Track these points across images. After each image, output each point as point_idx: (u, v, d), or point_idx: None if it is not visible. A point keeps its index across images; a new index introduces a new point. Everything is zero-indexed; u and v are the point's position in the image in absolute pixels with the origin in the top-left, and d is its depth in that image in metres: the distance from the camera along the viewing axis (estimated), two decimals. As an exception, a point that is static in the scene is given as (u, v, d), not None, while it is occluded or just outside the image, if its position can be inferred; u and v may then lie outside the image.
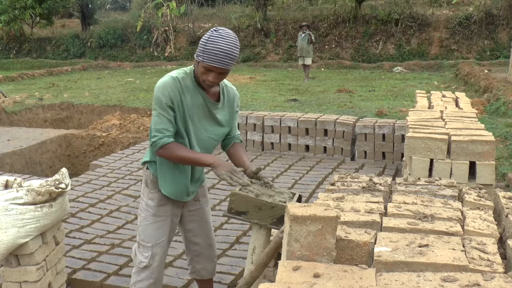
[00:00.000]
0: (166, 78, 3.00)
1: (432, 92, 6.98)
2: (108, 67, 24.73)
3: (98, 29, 28.52)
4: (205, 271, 3.60)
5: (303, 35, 17.03)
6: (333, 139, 8.34)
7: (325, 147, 8.40)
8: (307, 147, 8.50)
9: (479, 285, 1.53)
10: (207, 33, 2.86)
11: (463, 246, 1.84)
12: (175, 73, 3.04)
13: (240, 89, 15.48)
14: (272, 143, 8.70)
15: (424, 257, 1.71)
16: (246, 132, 8.83)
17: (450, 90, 10.72)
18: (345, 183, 2.63)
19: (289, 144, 8.61)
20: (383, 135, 8.04)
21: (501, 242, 2.06)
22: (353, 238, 1.83)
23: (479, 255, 1.76)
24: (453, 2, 25.33)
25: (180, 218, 3.44)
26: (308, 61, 17.34)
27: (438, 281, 1.56)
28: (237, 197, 2.90)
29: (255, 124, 8.79)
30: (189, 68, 3.09)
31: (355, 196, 2.37)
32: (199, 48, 2.86)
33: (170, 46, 26.48)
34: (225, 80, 3.15)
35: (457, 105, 5.56)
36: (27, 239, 3.56)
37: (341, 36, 24.88)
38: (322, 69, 22.21)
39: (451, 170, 3.58)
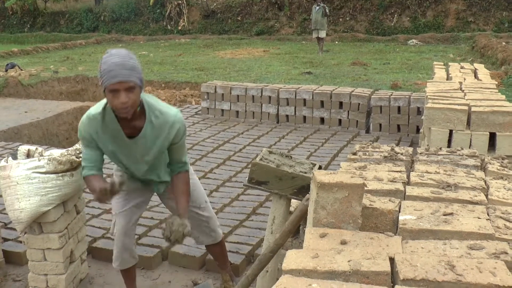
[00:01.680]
0: (84, 117, 3.00)
1: (450, 63, 6.88)
2: (122, 41, 24.68)
3: (111, 3, 28.44)
4: (204, 237, 3.64)
5: (317, 8, 16.86)
6: (348, 111, 8.31)
7: (340, 120, 8.36)
8: (322, 120, 8.48)
9: (506, 253, 1.52)
10: (102, 59, 2.76)
11: (488, 215, 1.83)
12: (93, 110, 2.98)
13: (254, 62, 15.40)
14: (287, 116, 8.68)
15: (449, 225, 1.70)
16: (262, 104, 8.81)
17: (467, 63, 10.59)
18: (367, 153, 2.62)
19: (304, 117, 8.59)
20: (399, 107, 7.99)
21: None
22: (378, 206, 1.83)
23: (504, 224, 1.76)
24: (470, -27, 24.79)
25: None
26: (322, 34, 17.19)
27: (465, 249, 1.55)
28: (258, 167, 2.91)
29: (270, 97, 8.77)
30: (99, 104, 3.00)
31: (377, 166, 2.36)
32: (99, 78, 2.77)
33: (184, 19, 26.34)
34: (162, 109, 3.01)
35: (475, 76, 5.48)
36: (50, 207, 3.62)
37: (356, 8, 24.55)
38: (336, 42, 21.98)
39: (470, 141, 3.55)
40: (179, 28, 26.32)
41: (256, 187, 3.00)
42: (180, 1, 26.48)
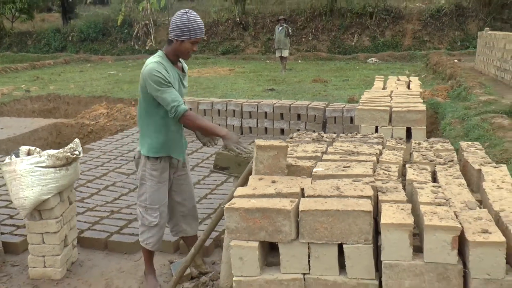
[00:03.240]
0: (152, 64, 3.75)
1: (389, 76, 7.93)
2: (90, 61, 25.35)
3: (79, 23, 29.10)
4: (190, 228, 4.40)
5: (280, 28, 17.89)
6: (305, 122, 9.25)
7: (298, 130, 9.30)
8: (282, 131, 9.39)
9: (374, 182, 2.44)
10: (183, 16, 3.66)
11: (374, 167, 2.75)
12: (154, 59, 3.80)
13: (220, 80, 16.34)
14: (250, 128, 9.59)
15: (345, 172, 2.61)
16: (226, 118, 9.72)
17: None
18: (300, 137, 3.54)
19: (266, 128, 9.51)
20: (351, 117, 8.96)
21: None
22: (300, 164, 2.74)
23: (383, 172, 2.67)
24: (425, -5, 26.57)
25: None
26: (285, 53, 18.22)
27: (350, 182, 2.46)
28: (221, 155, 3.78)
29: (234, 111, 9.68)
30: (157, 55, 3.88)
31: (307, 145, 3.27)
32: (180, 29, 3.65)
33: (151, 39, 27.23)
34: None
35: (408, 86, 6.51)
36: (49, 196, 4.39)
37: (318, 29, 25.89)
38: (299, 61, 23.13)
39: (392, 134, 4.50)
40: (147, 47, 27.16)
41: (220, 171, 3.87)
42: (147, 21, 27.37)
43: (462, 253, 2.10)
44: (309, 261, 2.23)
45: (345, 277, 2.22)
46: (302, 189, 2.40)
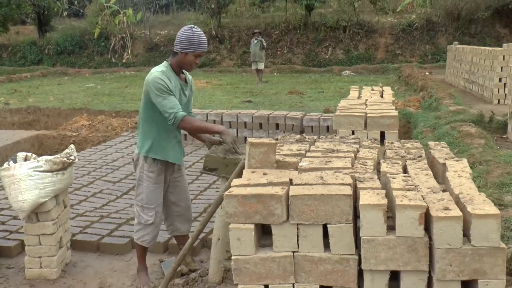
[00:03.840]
0: (156, 73, 4.11)
1: (364, 87, 8.41)
2: (67, 74, 25.44)
3: (55, 36, 29.13)
4: (184, 228, 4.73)
5: (255, 41, 18.35)
6: (283, 132, 9.62)
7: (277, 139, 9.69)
8: (261, 139, 9.76)
9: (353, 174, 2.82)
10: (188, 31, 4.06)
11: (352, 162, 3.14)
12: (159, 68, 4.19)
13: (198, 92, 16.67)
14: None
15: (327, 165, 2.99)
16: (207, 127, 10.03)
17: (378, 86, 12.18)
18: (285, 139, 3.92)
19: (245, 137, 9.82)
20: (327, 126, 9.36)
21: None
22: (287, 160, 3.11)
23: (361, 166, 3.06)
24: (397, 10, 27.44)
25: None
26: (261, 65, 18.68)
27: (332, 173, 2.84)
28: (209, 157, 4.13)
29: (214, 120, 10.00)
30: (163, 65, 4.25)
31: (291, 144, 3.66)
32: (185, 43, 4.04)
33: (128, 52, 27.49)
34: None
35: (382, 96, 6.97)
36: (46, 199, 4.65)
37: (293, 42, 26.49)
38: (275, 73, 23.63)
39: (367, 138, 4.90)
40: (124, 61, 27.40)
41: (209, 173, 4.21)
42: (124, 35, 27.63)
43: (427, 228, 2.49)
44: (298, 240, 2.60)
45: (329, 253, 2.59)
46: (291, 180, 2.77)
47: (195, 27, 4.10)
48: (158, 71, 4.11)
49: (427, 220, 2.47)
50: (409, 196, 2.50)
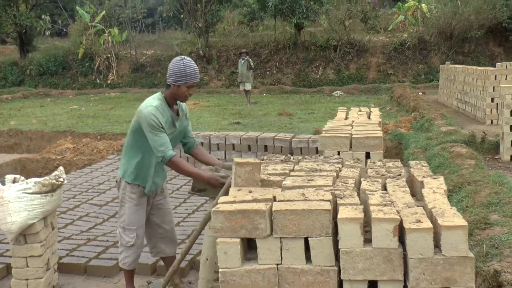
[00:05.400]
0: (151, 108, 4.27)
1: (351, 108, 8.76)
2: (50, 95, 25.65)
3: (37, 56, 29.35)
4: (169, 249, 4.96)
5: (242, 61, 18.77)
6: (272, 153, 9.91)
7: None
8: (250, 161, 10.05)
9: (334, 191, 3.12)
10: (179, 63, 4.29)
11: (334, 180, 3.43)
12: (154, 102, 4.34)
13: (186, 114, 16.96)
14: (218, 159, 10.20)
15: (309, 183, 3.29)
16: (195, 149, 10.32)
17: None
18: (270, 159, 4.22)
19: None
20: (317, 148, 9.66)
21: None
22: (272, 179, 3.41)
23: (342, 184, 3.36)
24: (389, 29, 28.08)
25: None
26: (248, 86, 19.07)
27: (313, 190, 3.13)
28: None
29: (202, 143, 10.29)
30: (157, 97, 4.46)
31: (276, 164, 3.96)
32: (176, 75, 4.25)
33: (113, 73, 27.80)
34: None
35: (369, 117, 7.30)
36: (35, 221, 4.90)
37: (282, 62, 26.97)
38: (264, 94, 24.00)
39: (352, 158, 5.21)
40: (109, 81, 27.68)
41: (197, 193, 4.49)
42: (109, 55, 27.96)
43: (402, 240, 2.79)
44: (281, 253, 2.89)
45: (310, 265, 2.88)
46: (274, 197, 3.07)
47: (186, 57, 4.35)
48: (153, 106, 4.31)
49: (401, 232, 2.76)
50: (385, 211, 2.80)
